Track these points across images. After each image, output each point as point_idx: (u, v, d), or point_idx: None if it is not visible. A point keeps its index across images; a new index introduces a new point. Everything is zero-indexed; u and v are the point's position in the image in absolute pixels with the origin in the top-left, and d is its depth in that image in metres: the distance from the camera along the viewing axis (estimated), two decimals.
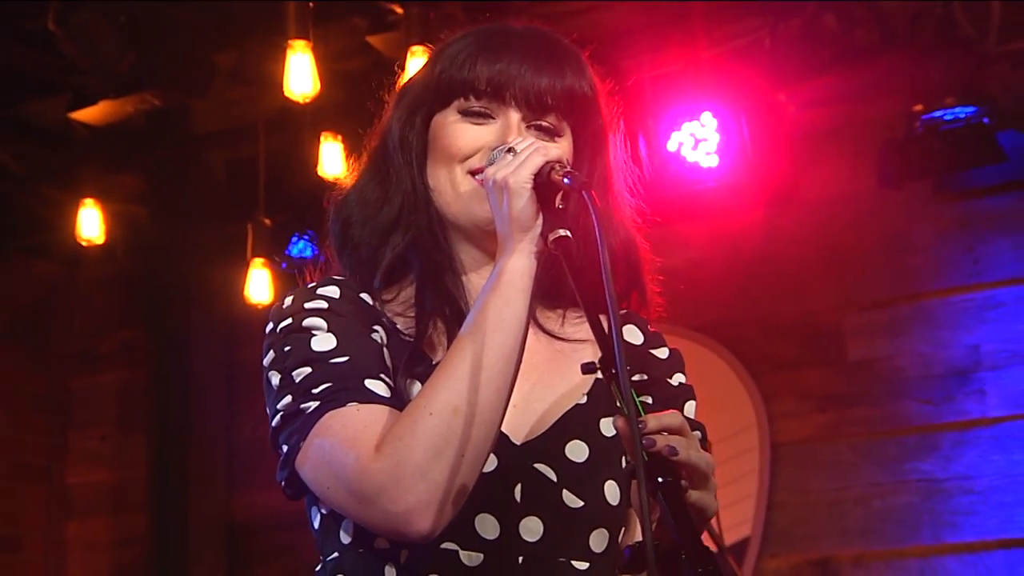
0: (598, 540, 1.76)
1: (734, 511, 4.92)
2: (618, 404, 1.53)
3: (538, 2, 4.54)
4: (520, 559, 1.72)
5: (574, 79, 1.81)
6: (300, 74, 4.32)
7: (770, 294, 5.25)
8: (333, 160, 4.84)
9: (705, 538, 1.68)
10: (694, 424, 1.84)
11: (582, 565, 1.73)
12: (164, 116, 5.19)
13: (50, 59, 4.67)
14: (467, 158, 1.80)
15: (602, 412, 1.82)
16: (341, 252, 1.89)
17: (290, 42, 4.31)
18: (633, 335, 1.91)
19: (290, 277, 1.95)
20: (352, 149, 2.99)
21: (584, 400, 1.80)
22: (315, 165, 4.87)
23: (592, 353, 1.70)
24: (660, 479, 1.49)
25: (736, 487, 5.00)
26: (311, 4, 4.38)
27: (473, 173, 1.79)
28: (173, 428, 5.91)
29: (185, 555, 5.73)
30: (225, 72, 4.88)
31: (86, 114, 4.86)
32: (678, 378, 1.89)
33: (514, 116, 1.78)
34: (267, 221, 5.18)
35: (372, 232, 1.86)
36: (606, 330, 1.55)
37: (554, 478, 1.75)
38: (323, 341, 1.73)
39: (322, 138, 4.85)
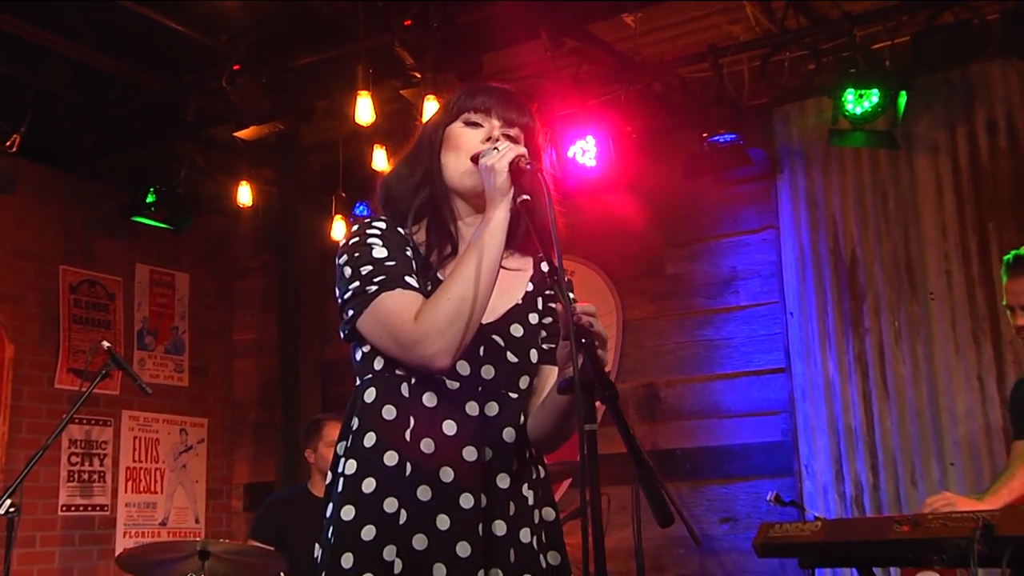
0: (524, 382, 2.08)
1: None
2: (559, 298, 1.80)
3: (496, 74, 5.46)
4: (479, 388, 2.02)
5: (528, 116, 2.13)
6: (363, 110, 5.02)
7: (623, 238, 6.12)
8: (381, 160, 5.52)
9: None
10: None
11: (514, 395, 2.06)
12: (286, 135, 5.94)
13: (223, 103, 5.37)
14: (467, 149, 2.06)
15: (529, 309, 2.08)
16: (386, 204, 2.12)
17: (358, 92, 5.03)
18: (543, 266, 2.19)
19: (356, 224, 2.23)
20: (392, 154, 4.30)
21: (520, 301, 2.10)
22: (371, 163, 5.58)
23: (522, 279, 2.06)
24: (583, 340, 1.77)
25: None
26: (371, 71, 5.02)
27: (472, 159, 2.05)
28: (291, 309, 6.74)
29: (298, 380, 6.69)
30: (321, 111, 5.69)
31: (243, 133, 5.48)
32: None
33: (495, 124, 2.09)
34: (343, 195, 5.88)
35: (405, 190, 2.10)
36: (553, 257, 1.82)
37: (502, 344, 2.05)
38: (379, 251, 1.99)
39: (375, 148, 5.57)
